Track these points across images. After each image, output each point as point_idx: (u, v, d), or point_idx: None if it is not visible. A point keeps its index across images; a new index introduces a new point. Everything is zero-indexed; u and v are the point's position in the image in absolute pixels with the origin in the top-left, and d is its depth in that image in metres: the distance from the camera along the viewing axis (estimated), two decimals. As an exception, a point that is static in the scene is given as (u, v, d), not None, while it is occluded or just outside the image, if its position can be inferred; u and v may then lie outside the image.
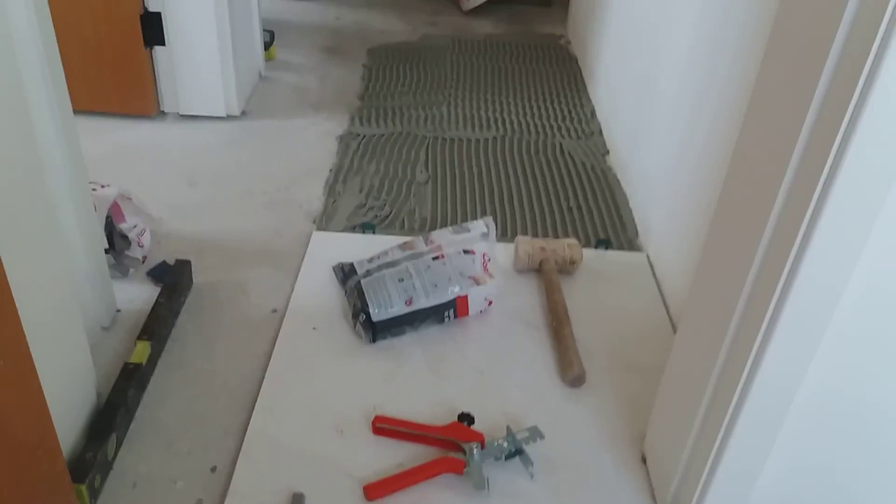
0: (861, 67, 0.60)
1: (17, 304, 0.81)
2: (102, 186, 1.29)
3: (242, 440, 1.03)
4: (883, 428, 0.83)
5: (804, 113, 0.66)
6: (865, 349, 0.77)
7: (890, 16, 0.58)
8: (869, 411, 0.81)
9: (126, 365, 1.09)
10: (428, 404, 1.10)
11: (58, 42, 1.05)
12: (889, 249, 0.70)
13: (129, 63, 1.77)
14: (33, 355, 0.85)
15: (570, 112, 2.07)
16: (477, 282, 1.23)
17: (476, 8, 2.71)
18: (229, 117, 1.88)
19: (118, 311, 1.25)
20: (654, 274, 1.43)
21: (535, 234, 1.53)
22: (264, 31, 2.13)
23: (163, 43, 1.77)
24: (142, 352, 1.11)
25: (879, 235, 0.68)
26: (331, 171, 1.71)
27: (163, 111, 1.86)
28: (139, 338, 1.14)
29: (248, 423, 1.05)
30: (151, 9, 1.73)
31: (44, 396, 0.89)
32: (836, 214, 0.67)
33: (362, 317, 1.18)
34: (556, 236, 1.53)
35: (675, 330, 1.29)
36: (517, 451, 1.01)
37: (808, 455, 0.85)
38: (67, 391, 0.98)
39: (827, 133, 0.65)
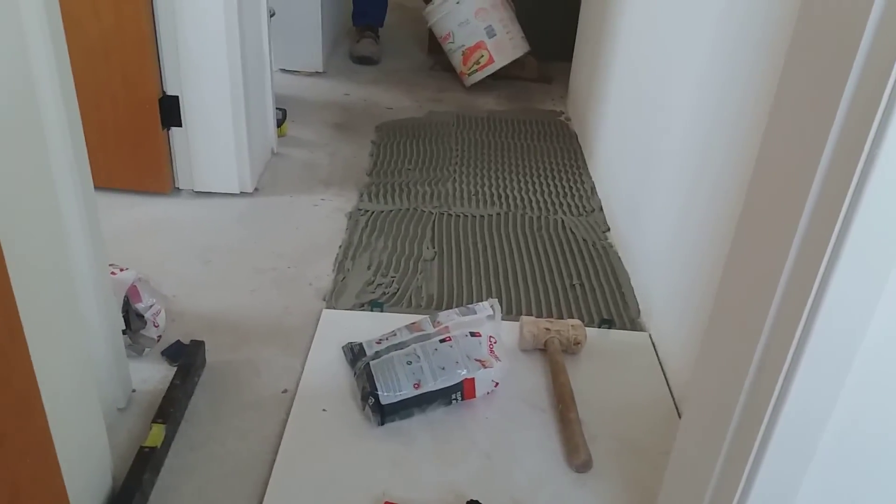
0: (861, 149, 0.63)
1: (40, 389, 0.84)
2: (122, 270, 1.33)
3: (254, 526, 1.04)
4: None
5: (808, 188, 0.68)
6: (879, 416, 0.78)
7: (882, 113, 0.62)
8: (887, 482, 0.83)
9: (142, 449, 1.11)
10: (435, 490, 1.11)
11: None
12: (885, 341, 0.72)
13: (147, 143, 1.84)
14: (54, 440, 0.88)
15: (570, 188, 2.14)
16: (484, 364, 1.26)
17: (479, 85, 2.81)
18: (242, 194, 1.94)
19: (134, 391, 1.28)
20: (656, 353, 1.46)
21: (539, 312, 1.56)
22: (277, 108, 2.21)
23: (179, 124, 1.85)
24: (157, 435, 1.14)
25: (883, 312, 0.70)
26: (340, 247, 1.76)
27: (178, 188, 1.93)
28: (154, 420, 1.16)
29: (259, 508, 1.07)
30: (170, 92, 1.81)
31: (63, 483, 0.91)
32: (846, 284, 0.68)
33: (371, 400, 1.21)
34: (560, 314, 1.56)
35: (678, 410, 1.31)
36: (525, 539, 1.02)
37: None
38: (84, 475, 1.00)
39: (832, 203, 0.67)
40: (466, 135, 2.45)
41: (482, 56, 2.75)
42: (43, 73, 0.98)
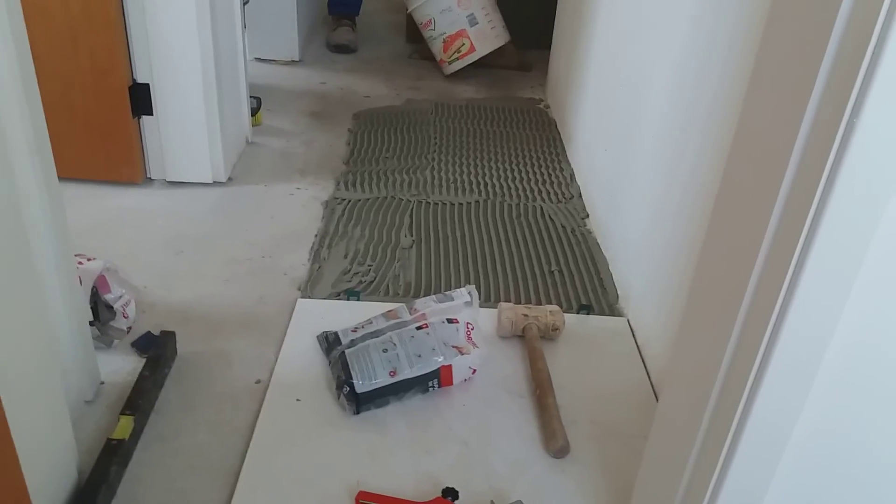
0: (836, 128, 0.62)
1: (-1, 383, 0.81)
2: (88, 259, 1.30)
3: (225, 518, 1.02)
4: (873, 477, 0.83)
5: (781, 175, 0.68)
6: (855, 399, 0.77)
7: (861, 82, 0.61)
8: (859, 466, 0.82)
9: (109, 441, 1.08)
10: (412, 478, 1.10)
11: (46, 112, 1.06)
12: (869, 309, 0.71)
13: (118, 132, 1.80)
14: (13, 430, 0.85)
15: (549, 176, 2.12)
16: (461, 351, 1.24)
17: (458, 73, 2.79)
18: (216, 183, 1.91)
19: (102, 383, 1.25)
20: (634, 338, 1.45)
21: (518, 299, 1.55)
22: (251, 97, 2.18)
23: (150, 112, 1.81)
24: (125, 427, 1.11)
25: (862, 287, 0.69)
26: (316, 236, 1.73)
27: (150, 178, 1.89)
28: (123, 412, 1.14)
29: (230, 500, 1.04)
30: (140, 80, 1.77)
31: (23, 476, 0.88)
32: (819, 271, 0.68)
33: (346, 388, 1.19)
34: (539, 301, 1.55)
35: (655, 394, 1.30)
36: (502, 526, 1.01)
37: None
38: (47, 468, 0.97)
39: (806, 190, 0.66)
40: (445, 123, 2.42)
41: (463, 44, 2.73)
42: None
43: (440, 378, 1.23)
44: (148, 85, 1.78)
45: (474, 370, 1.27)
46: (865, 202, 0.65)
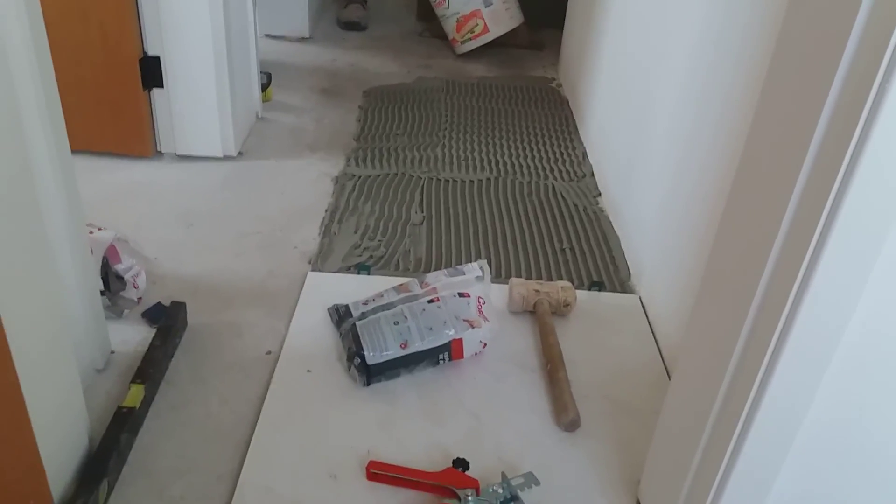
0: (861, 110, 0.61)
1: (10, 347, 0.81)
2: (99, 229, 1.30)
3: (235, 486, 1.02)
4: (887, 462, 0.82)
5: (805, 151, 0.67)
6: (870, 382, 0.77)
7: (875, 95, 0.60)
8: (873, 447, 0.81)
9: (119, 409, 1.08)
10: (423, 449, 1.09)
11: (57, 84, 1.06)
12: (891, 283, 0.70)
13: (128, 105, 1.79)
14: (27, 399, 0.85)
15: (561, 154, 2.10)
16: (472, 325, 1.24)
17: (469, 52, 2.76)
18: (226, 158, 1.90)
19: (112, 352, 1.25)
20: (646, 315, 1.44)
21: (529, 276, 1.54)
22: (261, 72, 2.16)
23: (161, 85, 1.80)
24: (135, 395, 1.11)
25: (882, 268, 0.69)
26: (326, 211, 1.72)
27: (160, 151, 1.88)
28: (133, 381, 1.14)
29: (241, 469, 1.05)
30: (151, 53, 1.76)
31: (35, 442, 0.88)
32: (839, 250, 0.67)
33: (357, 360, 1.18)
34: (550, 278, 1.54)
35: (667, 371, 1.29)
36: (512, 498, 1.00)
37: (808, 492, 0.85)
38: (59, 435, 0.97)
39: (827, 173, 0.65)
40: (456, 100, 2.40)
41: (477, 25, 2.70)
42: (14, 32, 0.94)
43: (451, 351, 1.23)
44: (159, 58, 1.77)
45: (485, 344, 1.27)
46: (892, 179, 0.64)
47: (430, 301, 1.26)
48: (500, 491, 1.00)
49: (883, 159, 0.62)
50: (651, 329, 1.40)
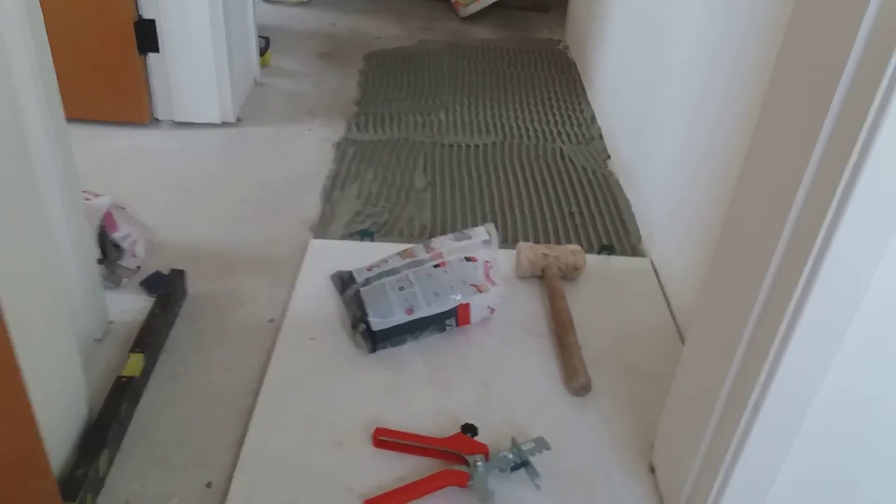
0: (885, 64, 0.57)
1: (6, 317, 0.78)
2: (96, 196, 1.26)
3: (238, 455, 1.00)
4: None
5: (826, 108, 0.63)
6: (887, 350, 0.74)
7: None
8: (889, 413, 0.79)
9: (119, 378, 1.06)
10: (430, 415, 1.07)
11: (51, 50, 1.02)
12: None
13: (123, 70, 1.75)
14: (23, 369, 0.83)
15: (569, 117, 2.05)
16: (479, 289, 1.20)
17: (473, 14, 2.69)
18: (224, 124, 1.86)
19: (111, 322, 1.22)
20: (658, 279, 1.40)
21: (537, 241, 1.50)
22: (259, 37, 2.11)
23: (157, 50, 1.75)
24: (135, 365, 1.08)
25: None
26: (328, 177, 1.68)
27: (157, 118, 1.84)
28: (132, 350, 1.11)
29: (244, 438, 1.02)
30: (145, 16, 1.71)
31: (33, 412, 0.86)
32: (861, 209, 0.64)
33: (362, 326, 1.15)
34: (559, 242, 1.50)
35: (680, 335, 1.26)
36: (523, 463, 0.98)
37: (824, 461, 0.82)
38: (58, 406, 0.95)
39: (851, 129, 0.62)
40: (460, 64, 2.34)
41: (480, -14, 2.63)
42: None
43: (458, 317, 1.19)
44: (154, 21, 1.71)
45: (493, 309, 1.23)
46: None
47: (436, 266, 1.23)
48: (511, 456, 0.98)
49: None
50: (663, 292, 1.36)
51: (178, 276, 1.28)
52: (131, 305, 1.25)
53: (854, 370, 0.75)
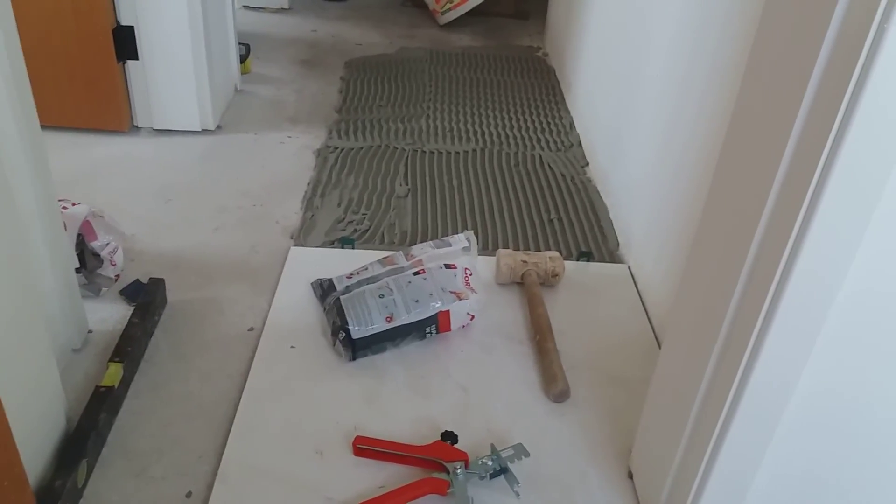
0: (852, 69, 0.59)
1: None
2: (73, 204, 1.26)
3: (219, 464, 0.99)
4: (877, 431, 0.81)
5: (795, 112, 0.65)
6: (859, 352, 0.76)
7: (872, 40, 0.57)
8: (863, 415, 0.80)
9: (97, 388, 1.05)
10: (410, 423, 1.07)
11: (27, 56, 1.02)
12: (883, 250, 0.68)
13: (102, 78, 1.74)
14: (-2, 381, 0.82)
15: (548, 124, 2.07)
16: (459, 296, 1.21)
17: (453, 21, 2.71)
18: (204, 131, 1.85)
19: (90, 331, 1.21)
20: (635, 285, 1.42)
21: (517, 247, 1.51)
22: (240, 44, 2.11)
23: (136, 57, 1.74)
24: (114, 374, 1.08)
25: (873, 235, 0.67)
26: (308, 185, 1.69)
27: (136, 126, 1.83)
28: (111, 360, 1.10)
29: (224, 447, 1.02)
30: (124, 22, 1.70)
31: (8, 423, 0.85)
32: (830, 214, 0.65)
33: (342, 334, 1.16)
34: (538, 249, 1.51)
35: (657, 340, 1.28)
36: (502, 470, 0.99)
37: (799, 463, 0.84)
38: (35, 416, 0.94)
39: (818, 134, 0.63)
40: (440, 71, 2.36)
41: (456, -7, 2.65)
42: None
43: (438, 324, 1.20)
44: (132, 28, 1.71)
45: (472, 316, 1.24)
46: (884, 137, 0.61)
47: (416, 273, 1.23)
48: (490, 463, 0.98)
49: (879, 111, 0.60)
50: (640, 298, 1.38)
51: (157, 284, 1.27)
52: (111, 314, 1.24)
53: (830, 372, 0.77)
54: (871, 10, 0.57)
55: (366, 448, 1.01)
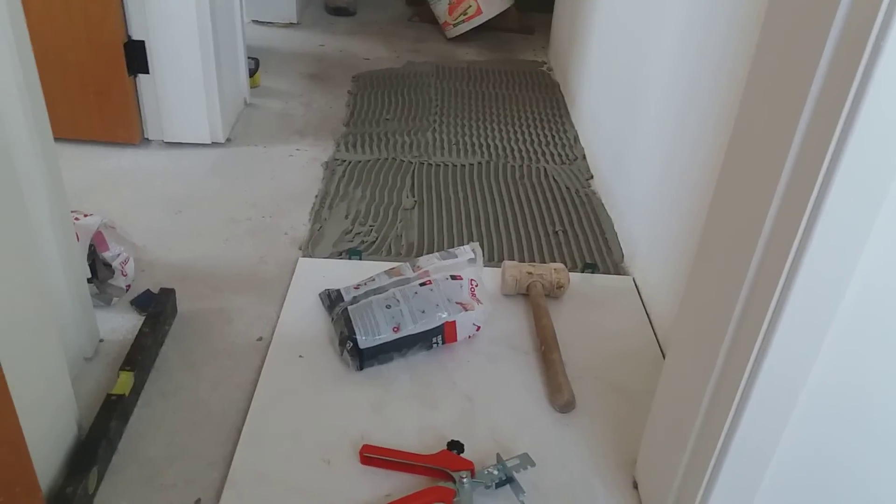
0: (854, 73, 0.60)
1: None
2: (86, 216, 1.28)
3: (227, 472, 1.01)
4: (881, 442, 0.82)
5: (799, 110, 0.66)
6: (864, 358, 0.76)
7: (873, 44, 0.59)
8: (869, 421, 0.81)
9: (108, 396, 1.07)
10: (416, 432, 1.08)
11: (40, 70, 1.04)
12: (880, 266, 0.70)
13: (113, 91, 1.77)
14: (11, 387, 0.83)
15: (553, 137, 2.09)
16: (465, 307, 1.22)
17: (459, 36, 2.74)
18: (214, 144, 1.88)
19: (101, 340, 1.23)
20: (640, 297, 1.43)
21: (522, 259, 1.53)
22: (249, 58, 2.14)
23: (147, 71, 1.77)
24: (125, 383, 1.09)
25: (874, 244, 0.68)
26: (316, 197, 1.70)
27: (147, 139, 1.86)
28: (122, 368, 1.12)
29: (233, 455, 1.03)
30: (135, 37, 1.73)
31: (21, 430, 0.87)
32: (833, 225, 0.66)
33: (349, 344, 1.17)
34: (543, 261, 1.53)
35: (662, 352, 1.29)
36: (508, 479, 0.99)
37: (803, 472, 0.85)
38: (47, 424, 0.96)
39: (819, 143, 0.64)
40: (446, 85, 2.38)
41: (470, 7, 2.67)
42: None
43: (444, 334, 1.21)
44: (143, 42, 1.74)
45: (478, 327, 1.25)
46: (884, 145, 0.63)
47: (423, 284, 1.25)
48: (496, 472, 0.99)
49: (879, 120, 0.61)
50: (645, 310, 1.39)
51: (168, 294, 1.29)
52: (122, 324, 1.26)
53: (835, 381, 0.77)
54: (870, 18, 0.58)
55: (373, 457, 1.02)
